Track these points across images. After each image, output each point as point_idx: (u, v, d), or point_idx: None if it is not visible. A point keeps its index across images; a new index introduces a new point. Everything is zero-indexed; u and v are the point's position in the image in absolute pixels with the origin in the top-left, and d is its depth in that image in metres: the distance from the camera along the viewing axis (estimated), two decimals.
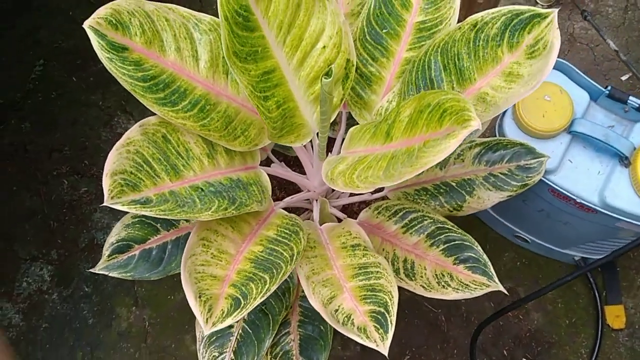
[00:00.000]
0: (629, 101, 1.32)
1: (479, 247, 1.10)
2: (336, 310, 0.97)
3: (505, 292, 1.06)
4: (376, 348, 0.91)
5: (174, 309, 1.71)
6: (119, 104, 1.93)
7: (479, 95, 1.00)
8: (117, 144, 0.94)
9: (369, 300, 0.98)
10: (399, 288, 1.02)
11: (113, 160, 0.91)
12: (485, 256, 1.09)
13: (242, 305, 0.90)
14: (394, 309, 0.95)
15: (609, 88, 1.33)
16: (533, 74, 0.94)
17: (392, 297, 0.97)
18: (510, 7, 0.96)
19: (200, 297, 0.89)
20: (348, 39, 1.04)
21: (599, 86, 1.35)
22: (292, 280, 1.23)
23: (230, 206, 0.97)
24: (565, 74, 1.37)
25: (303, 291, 1.25)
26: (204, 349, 1.17)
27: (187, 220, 1.19)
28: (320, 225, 1.20)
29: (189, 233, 1.14)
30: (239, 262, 0.98)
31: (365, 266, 1.03)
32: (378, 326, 0.93)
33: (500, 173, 1.22)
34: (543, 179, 1.34)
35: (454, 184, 1.23)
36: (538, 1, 2.06)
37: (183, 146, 1.02)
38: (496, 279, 1.07)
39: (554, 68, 1.38)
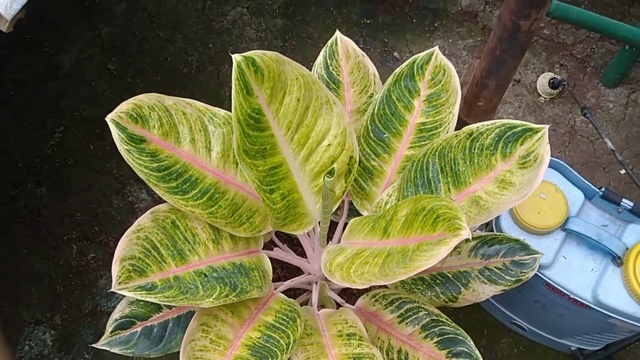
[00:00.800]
0: (622, 203, 1.37)
1: (472, 342, 1.13)
2: None
3: None
4: None
5: None
6: (132, 173, 1.97)
7: (473, 198, 1.05)
8: (129, 230, 1.00)
9: None
10: None
11: (123, 247, 0.97)
12: (477, 352, 1.12)
13: None
14: None
15: (603, 189, 1.38)
16: (524, 183, 1.00)
17: None
18: (504, 121, 1.02)
19: None
20: (352, 138, 1.11)
21: (593, 187, 1.40)
22: None
23: (231, 293, 1.02)
24: (561, 173, 1.43)
25: None
26: None
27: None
28: (319, 309, 1.24)
29: (190, 312, 1.19)
30: (236, 347, 1.02)
31: (360, 356, 1.07)
32: None
33: (495, 267, 1.26)
34: (538, 273, 1.38)
35: (450, 275, 1.27)
36: (541, 93, 2.14)
37: (190, 232, 1.07)
38: None
39: (551, 167, 1.44)
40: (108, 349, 1.15)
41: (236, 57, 0.92)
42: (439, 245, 0.85)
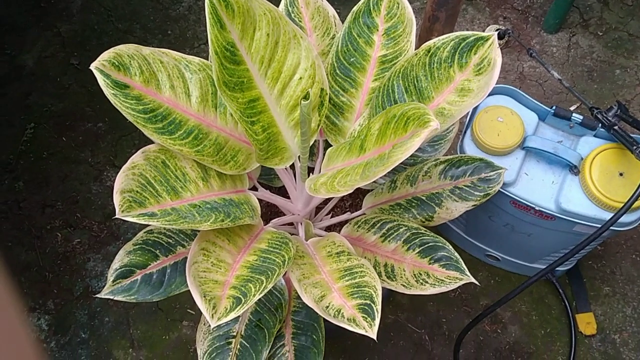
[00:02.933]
0: (572, 117, 1.49)
1: (450, 247, 1.22)
2: (327, 307, 1.07)
3: (477, 283, 1.18)
4: (365, 334, 1.02)
5: (169, 348, 1.78)
6: (107, 160, 2.05)
7: (437, 111, 1.15)
8: (124, 167, 1.06)
9: (355, 296, 1.09)
10: (383, 309, 1.13)
11: (121, 181, 1.03)
12: (456, 254, 1.21)
13: (242, 302, 1.00)
14: (378, 299, 1.06)
15: (554, 107, 1.50)
16: (481, 87, 1.10)
17: (377, 290, 1.08)
18: (457, 33, 1.12)
19: (205, 296, 1.00)
20: (321, 70, 1.20)
21: (545, 107, 1.52)
22: (283, 297, 1.34)
23: (226, 218, 1.09)
24: (514, 99, 1.54)
25: (294, 306, 1.36)
26: None
27: (182, 246, 1.29)
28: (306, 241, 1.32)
29: (186, 257, 1.25)
30: (236, 269, 1.09)
31: (350, 268, 1.15)
32: (365, 315, 1.04)
33: (464, 186, 1.36)
34: (504, 191, 1.49)
35: (424, 198, 1.37)
36: None
37: (180, 170, 1.14)
38: (468, 273, 1.19)
39: (504, 94, 1.55)
40: (112, 297, 1.20)
41: None
42: (411, 139, 0.94)
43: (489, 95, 1.54)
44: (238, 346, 1.27)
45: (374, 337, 1.02)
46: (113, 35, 2.30)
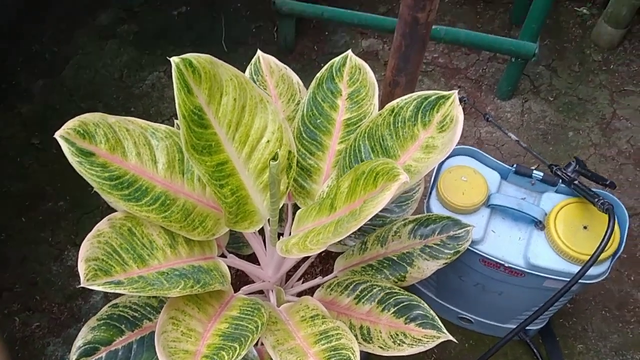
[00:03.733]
0: (533, 174, 1.52)
1: (426, 305, 1.21)
2: None
3: (455, 340, 1.16)
4: None
5: None
6: (68, 239, 2.00)
7: (405, 168, 1.16)
8: (89, 234, 1.04)
9: (333, 359, 1.05)
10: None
11: (86, 249, 1.01)
12: (432, 312, 1.20)
13: None
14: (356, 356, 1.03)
15: (515, 166, 1.54)
16: (445, 143, 1.12)
17: (354, 352, 1.05)
18: (419, 93, 1.16)
19: None
20: (288, 134, 1.21)
21: (506, 166, 1.55)
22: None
23: (195, 284, 1.06)
24: (476, 159, 1.58)
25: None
26: None
27: (149, 320, 1.24)
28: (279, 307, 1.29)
29: (153, 331, 1.21)
30: (207, 338, 1.06)
31: (326, 332, 1.12)
32: None
33: (434, 244, 1.36)
34: (473, 249, 1.49)
35: (395, 258, 1.36)
36: None
37: (147, 238, 1.12)
38: (444, 330, 1.17)
39: (466, 154, 1.58)
40: None
41: (174, 59, 1.01)
42: (382, 193, 0.94)
43: (451, 156, 1.58)
44: None
45: None
46: (76, 114, 2.27)
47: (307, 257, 1.48)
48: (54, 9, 2.61)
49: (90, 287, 0.95)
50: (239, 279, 1.53)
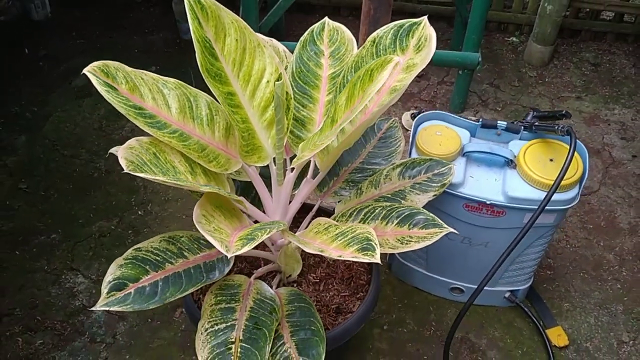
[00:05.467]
0: (498, 124, 1.71)
1: (426, 211, 1.33)
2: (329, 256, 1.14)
3: (456, 232, 1.27)
4: (371, 261, 1.08)
5: None
6: (64, 265, 2.03)
7: (391, 89, 1.33)
8: (123, 146, 1.14)
9: (352, 244, 1.15)
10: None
11: (123, 153, 1.11)
12: (431, 214, 1.31)
13: (253, 241, 1.05)
14: (374, 237, 1.13)
15: (480, 120, 1.72)
16: (423, 59, 1.30)
17: (371, 233, 1.15)
18: (395, 22, 1.35)
19: (217, 240, 1.05)
20: (285, 76, 1.37)
21: (473, 122, 1.74)
22: (275, 303, 1.37)
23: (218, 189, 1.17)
24: (445, 121, 1.76)
25: (287, 311, 1.38)
26: None
27: (171, 263, 1.32)
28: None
29: (176, 272, 1.29)
30: (236, 235, 1.15)
31: (342, 232, 1.22)
32: (366, 252, 1.11)
33: (422, 181, 1.50)
34: (456, 192, 1.64)
35: (389, 196, 1.49)
36: (407, 128, 2.54)
37: (170, 164, 1.23)
38: (446, 226, 1.28)
39: (437, 119, 1.77)
40: (107, 309, 1.19)
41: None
42: (379, 72, 1.10)
43: (424, 120, 1.76)
44: (239, 350, 1.26)
45: (379, 261, 1.08)
46: (60, 160, 2.40)
47: (309, 210, 1.59)
48: (28, 79, 2.77)
49: (133, 173, 1.05)
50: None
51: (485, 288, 1.91)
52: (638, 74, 2.95)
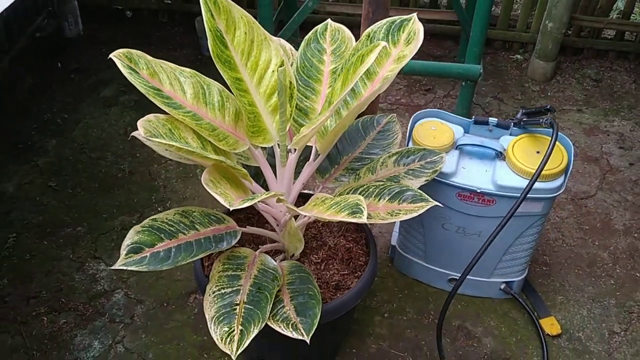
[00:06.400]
0: (489, 121, 1.84)
1: (415, 188, 1.46)
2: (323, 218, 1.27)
3: (440, 205, 1.40)
4: (359, 221, 1.21)
5: None
6: (88, 254, 2.19)
7: (384, 78, 1.47)
8: (142, 119, 1.30)
9: (343, 210, 1.29)
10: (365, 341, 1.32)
11: (142, 124, 1.27)
12: (420, 191, 1.45)
13: (253, 200, 1.20)
14: (363, 203, 1.27)
15: (473, 117, 1.86)
16: (412, 50, 1.45)
17: (361, 200, 1.29)
18: (388, 19, 1.50)
19: (221, 196, 1.19)
20: (289, 68, 1.52)
21: (466, 119, 1.88)
22: (277, 272, 1.50)
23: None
24: (440, 118, 1.90)
25: (288, 280, 1.51)
26: (215, 327, 1.36)
27: (183, 233, 1.46)
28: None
29: (188, 241, 1.43)
30: (239, 200, 1.29)
31: (336, 202, 1.36)
32: (356, 214, 1.24)
33: (416, 168, 1.64)
34: (449, 182, 1.76)
35: (384, 180, 1.62)
36: None
37: (184, 140, 1.38)
38: (432, 200, 1.41)
39: (432, 116, 1.91)
40: (125, 268, 1.33)
41: None
42: (368, 55, 1.25)
43: (420, 117, 1.90)
44: (243, 310, 1.39)
45: (365, 221, 1.22)
46: (87, 162, 2.58)
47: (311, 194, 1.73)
48: (60, 90, 2.99)
49: (150, 139, 1.20)
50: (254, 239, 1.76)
51: (481, 279, 2.03)
52: (638, 89, 3.07)
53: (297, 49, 1.68)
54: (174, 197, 2.43)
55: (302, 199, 1.75)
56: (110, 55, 1.35)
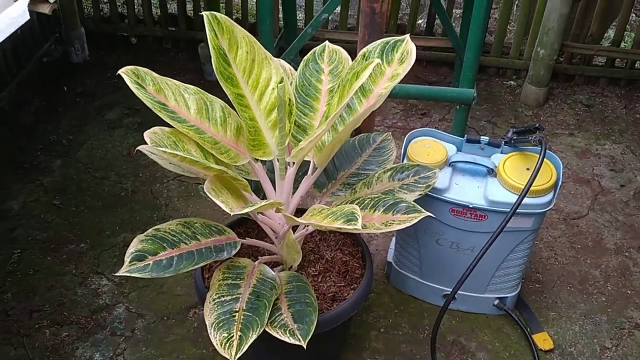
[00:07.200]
0: (481, 139, 1.91)
1: (410, 200, 1.52)
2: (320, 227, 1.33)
3: (432, 215, 1.46)
4: (354, 229, 1.27)
5: None
6: (91, 269, 2.24)
7: (378, 95, 1.55)
8: (148, 131, 1.37)
9: (339, 219, 1.35)
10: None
11: (148, 135, 1.34)
12: (413, 203, 1.51)
13: (253, 206, 1.26)
14: (358, 211, 1.33)
15: (466, 136, 1.93)
16: (405, 68, 1.53)
17: (356, 209, 1.35)
18: (382, 40, 1.58)
19: (223, 202, 1.25)
20: (288, 86, 1.60)
21: (458, 138, 1.95)
22: (275, 282, 1.55)
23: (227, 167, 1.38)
24: (433, 137, 1.97)
25: (286, 290, 1.56)
26: (215, 332, 1.41)
27: (185, 243, 1.52)
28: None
29: (189, 251, 1.49)
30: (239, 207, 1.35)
31: (332, 212, 1.42)
32: (351, 222, 1.30)
33: (410, 183, 1.71)
34: (443, 197, 1.83)
35: (380, 194, 1.69)
36: None
37: (187, 152, 1.45)
38: (424, 211, 1.47)
39: (426, 135, 1.98)
40: (129, 275, 1.39)
41: (205, 13, 1.43)
42: (363, 72, 1.32)
43: (414, 136, 1.97)
44: (242, 317, 1.44)
45: (360, 229, 1.27)
46: (91, 181, 2.64)
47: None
48: (66, 112, 3.07)
49: (155, 149, 1.27)
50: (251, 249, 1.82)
51: (475, 294, 2.08)
52: (629, 114, 3.15)
53: (296, 69, 1.76)
54: (175, 215, 2.48)
55: (300, 213, 1.81)
56: (119, 72, 1.43)
